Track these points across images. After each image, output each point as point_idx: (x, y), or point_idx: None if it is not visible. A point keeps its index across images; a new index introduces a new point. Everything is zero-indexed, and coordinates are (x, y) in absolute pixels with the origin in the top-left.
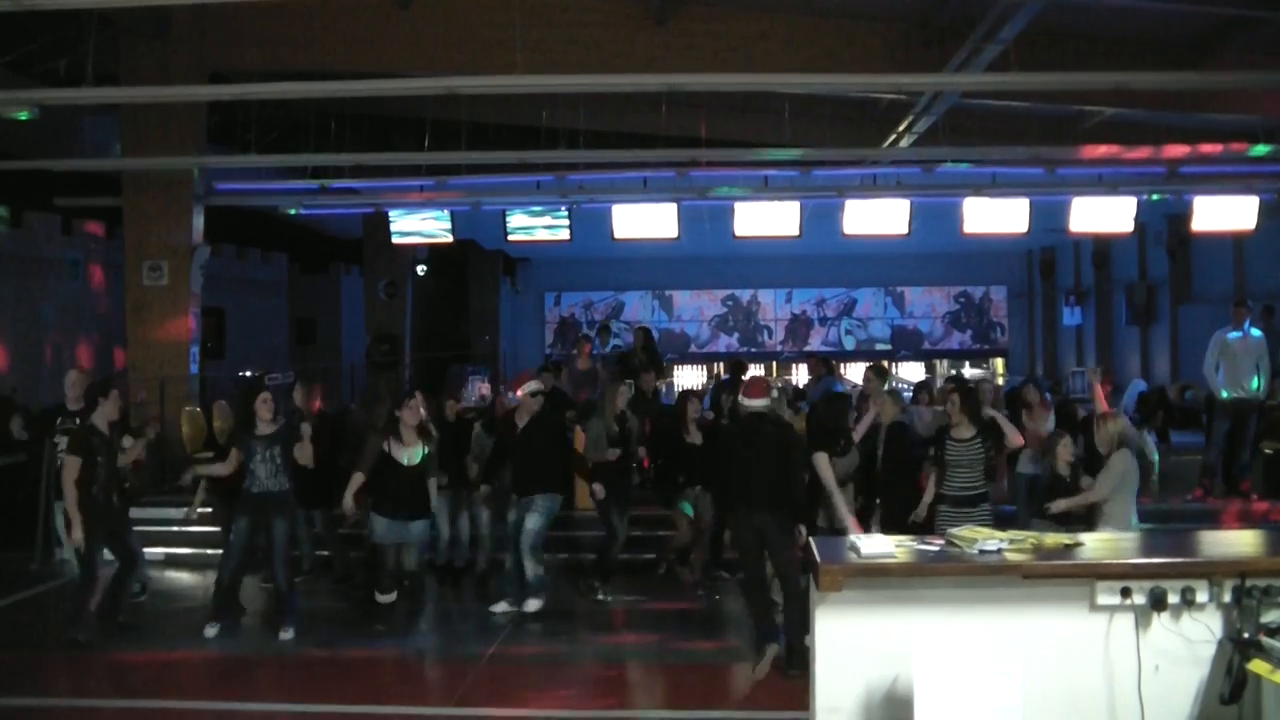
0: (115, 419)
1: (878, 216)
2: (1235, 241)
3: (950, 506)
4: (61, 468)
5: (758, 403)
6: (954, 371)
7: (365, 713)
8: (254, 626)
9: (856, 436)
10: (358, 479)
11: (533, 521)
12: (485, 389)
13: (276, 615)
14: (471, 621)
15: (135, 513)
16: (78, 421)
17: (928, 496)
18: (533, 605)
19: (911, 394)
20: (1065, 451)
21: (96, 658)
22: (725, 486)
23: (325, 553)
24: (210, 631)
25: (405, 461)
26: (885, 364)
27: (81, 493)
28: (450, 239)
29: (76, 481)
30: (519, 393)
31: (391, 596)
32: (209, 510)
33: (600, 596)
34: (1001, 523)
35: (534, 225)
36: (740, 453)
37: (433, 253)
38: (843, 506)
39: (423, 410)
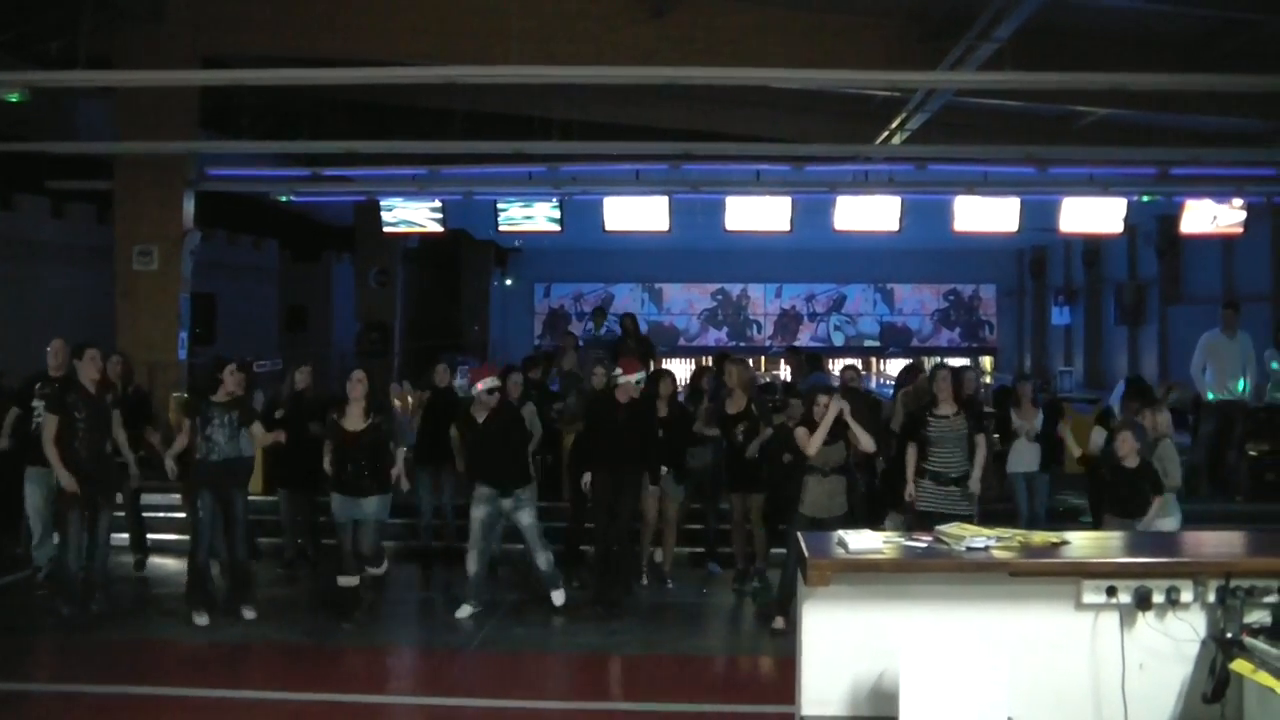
0: (96, 378)
1: (869, 212)
2: (1225, 243)
3: (932, 482)
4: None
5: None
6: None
7: (352, 702)
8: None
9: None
10: (328, 450)
11: (529, 516)
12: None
13: (234, 593)
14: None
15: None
16: (57, 385)
17: (910, 471)
18: (559, 598)
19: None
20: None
21: (80, 642)
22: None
23: (331, 541)
24: (200, 621)
25: (349, 429)
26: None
27: (62, 449)
28: (442, 228)
29: (56, 439)
30: (479, 387)
31: (353, 580)
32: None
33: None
34: (995, 519)
35: (525, 216)
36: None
37: (424, 242)
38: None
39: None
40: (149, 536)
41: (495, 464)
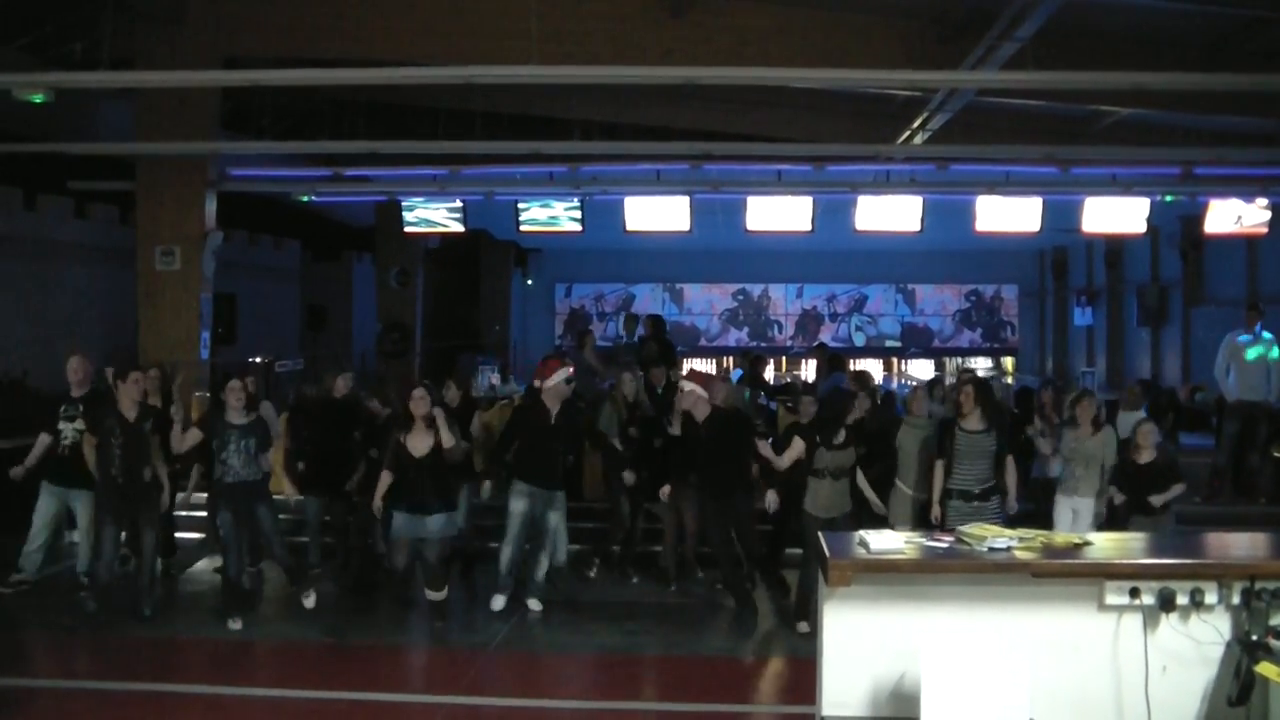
0: (139, 399)
1: (890, 213)
2: (1249, 244)
3: (961, 500)
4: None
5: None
6: (963, 363)
7: (372, 700)
8: (265, 613)
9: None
10: (385, 478)
11: (559, 518)
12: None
13: (294, 586)
14: (478, 610)
15: None
16: (80, 408)
17: (937, 492)
18: (536, 606)
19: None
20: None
21: (104, 640)
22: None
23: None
24: (235, 625)
25: (415, 454)
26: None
27: (100, 473)
28: (462, 228)
29: (95, 461)
30: (550, 381)
31: (441, 595)
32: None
33: (627, 579)
34: (1019, 521)
35: (546, 216)
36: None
37: (444, 242)
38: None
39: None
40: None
41: (547, 463)
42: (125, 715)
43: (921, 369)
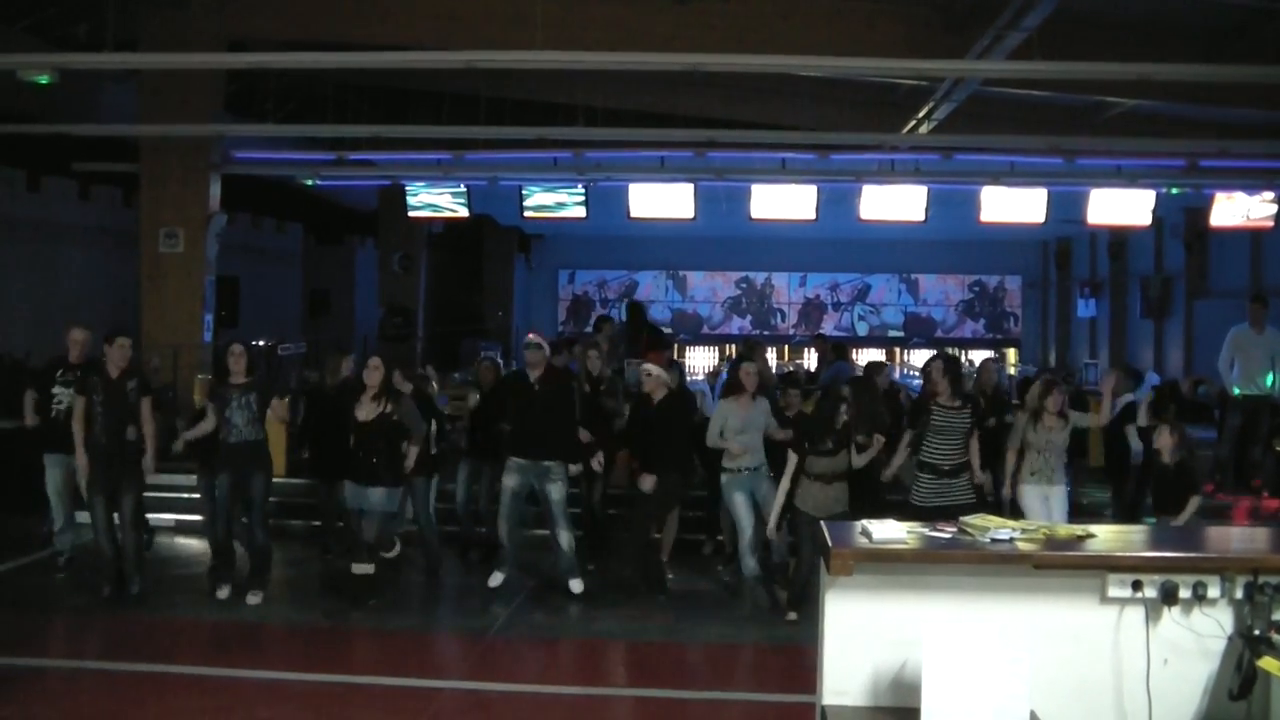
0: (124, 367)
1: (894, 202)
2: (1253, 236)
3: (933, 476)
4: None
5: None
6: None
7: (369, 684)
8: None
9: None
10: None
11: (558, 491)
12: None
13: (248, 578)
14: (477, 596)
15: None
16: (78, 374)
17: (898, 459)
18: (577, 587)
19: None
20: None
21: (104, 621)
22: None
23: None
24: (222, 594)
25: (360, 418)
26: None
27: (88, 438)
28: (465, 213)
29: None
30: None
31: (367, 568)
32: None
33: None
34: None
35: (550, 202)
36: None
37: (447, 227)
38: (777, 512)
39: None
40: (151, 516)
41: (530, 435)
42: (119, 697)
43: (924, 359)
